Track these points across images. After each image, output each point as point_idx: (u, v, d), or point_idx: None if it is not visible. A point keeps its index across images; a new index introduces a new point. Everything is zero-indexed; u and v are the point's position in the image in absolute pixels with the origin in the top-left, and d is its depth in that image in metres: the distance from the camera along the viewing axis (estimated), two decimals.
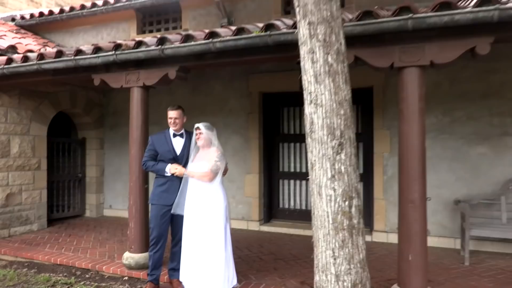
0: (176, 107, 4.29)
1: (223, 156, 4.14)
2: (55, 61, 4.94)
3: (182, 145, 4.30)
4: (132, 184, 4.75)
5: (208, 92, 7.31)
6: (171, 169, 4.12)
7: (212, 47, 4.06)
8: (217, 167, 4.03)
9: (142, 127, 4.79)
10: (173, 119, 4.23)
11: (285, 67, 6.68)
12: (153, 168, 4.19)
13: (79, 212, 8.07)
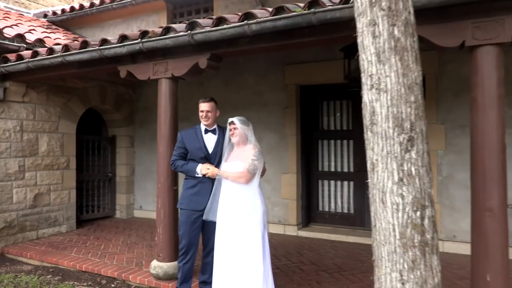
0: (208, 98, 3.83)
1: (261, 155, 3.64)
2: (79, 52, 4.60)
3: (215, 142, 3.83)
4: (160, 185, 4.33)
5: (241, 86, 6.83)
6: (202, 170, 3.66)
7: (248, 30, 3.55)
8: (255, 167, 3.53)
9: (171, 122, 4.36)
10: (204, 112, 3.77)
11: (325, 57, 6.12)
12: (183, 168, 3.75)
13: (109, 213, 7.81)
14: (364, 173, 6.29)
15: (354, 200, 6.48)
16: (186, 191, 3.76)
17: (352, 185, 6.51)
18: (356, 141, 6.44)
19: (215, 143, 3.83)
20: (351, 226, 6.44)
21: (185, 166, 3.73)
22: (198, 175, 3.69)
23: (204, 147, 3.76)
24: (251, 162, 3.55)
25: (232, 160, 3.68)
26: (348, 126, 6.55)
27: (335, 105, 6.65)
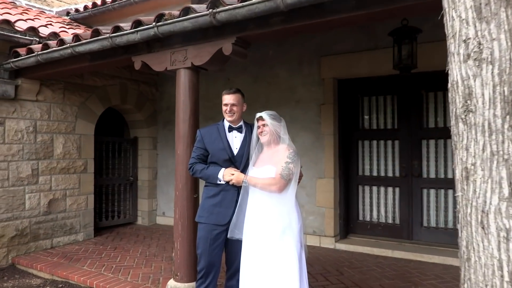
0: (233, 90, 3.20)
1: (297, 156, 2.96)
2: (90, 42, 4.08)
3: (241, 141, 3.19)
4: (177, 193, 3.72)
5: (271, 80, 6.17)
6: (225, 175, 3.02)
7: (281, 4, 2.88)
8: (289, 172, 2.86)
9: (190, 120, 3.75)
10: (229, 106, 3.14)
11: (367, 45, 5.38)
12: (202, 173, 3.12)
13: (131, 220, 7.32)
14: (412, 178, 5.51)
15: (400, 209, 5.68)
16: (206, 201, 3.13)
17: (397, 192, 5.71)
18: (402, 141, 5.65)
19: (241, 143, 3.18)
20: (397, 239, 5.64)
21: (205, 171, 3.11)
22: (221, 182, 3.05)
23: (228, 147, 3.13)
24: (285, 166, 2.88)
25: (262, 164, 3.02)
26: (393, 124, 5.76)
27: (377, 101, 5.87)
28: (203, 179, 3.20)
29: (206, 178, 3.11)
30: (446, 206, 5.39)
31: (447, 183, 5.36)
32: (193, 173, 3.18)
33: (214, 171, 3.07)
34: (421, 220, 5.53)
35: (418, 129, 5.54)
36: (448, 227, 5.36)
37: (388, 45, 5.21)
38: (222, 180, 3.04)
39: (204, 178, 3.14)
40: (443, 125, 5.40)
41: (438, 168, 5.44)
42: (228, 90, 3.20)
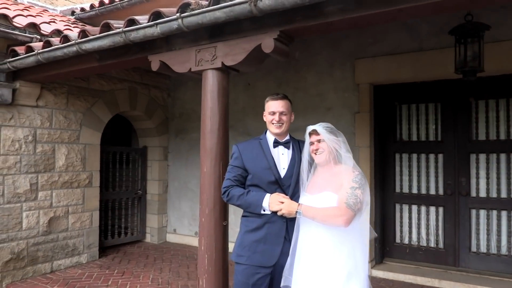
0: (281, 95, 2.59)
1: (365, 180, 2.34)
2: (99, 38, 3.48)
3: (289, 160, 2.56)
4: (204, 219, 3.08)
5: (298, 86, 5.55)
6: (272, 204, 2.39)
7: None
8: (357, 200, 2.24)
9: (220, 131, 3.13)
10: (277, 115, 2.53)
11: (409, 47, 4.78)
12: (241, 200, 2.48)
13: (139, 237, 6.68)
14: (459, 196, 4.87)
15: (445, 232, 5.02)
16: (246, 236, 2.50)
17: (441, 212, 5.05)
18: (447, 155, 5.00)
19: (290, 161, 2.56)
20: (441, 265, 4.98)
21: (245, 198, 2.47)
22: (266, 211, 2.42)
23: (275, 167, 2.50)
24: (350, 192, 2.25)
25: (318, 189, 2.39)
26: (436, 136, 5.12)
27: (418, 109, 5.24)
28: (241, 208, 2.56)
29: (247, 206, 2.48)
30: (499, 229, 4.73)
31: (500, 203, 4.71)
32: (228, 199, 2.55)
33: (256, 198, 2.44)
34: (469, 245, 4.87)
35: (466, 142, 4.90)
36: (502, 254, 4.70)
37: (435, 46, 4.64)
38: (268, 209, 2.40)
39: (244, 206, 2.50)
40: (496, 137, 4.76)
41: (489, 186, 4.79)
42: (274, 95, 2.59)
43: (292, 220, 2.43)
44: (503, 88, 4.67)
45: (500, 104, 4.76)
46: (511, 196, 4.66)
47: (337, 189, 2.31)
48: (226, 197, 2.55)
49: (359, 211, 2.28)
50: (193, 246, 6.41)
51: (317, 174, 2.48)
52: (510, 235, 4.66)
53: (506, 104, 4.73)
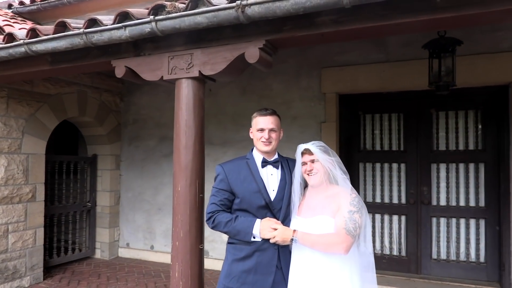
0: (270, 111, 2.39)
1: (362, 203, 2.22)
2: (54, 38, 3.06)
3: (279, 181, 2.38)
4: (178, 243, 2.80)
5: (263, 94, 5.39)
6: (263, 230, 2.20)
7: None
8: (356, 224, 2.12)
9: (196, 147, 2.86)
10: (266, 132, 2.33)
11: (376, 58, 4.81)
12: (229, 227, 2.26)
13: (88, 253, 6.14)
14: (421, 205, 4.97)
15: (407, 240, 5.10)
16: (234, 265, 2.27)
17: (404, 220, 5.14)
18: (410, 164, 5.10)
19: (280, 182, 2.37)
20: (404, 273, 5.05)
21: (233, 225, 2.24)
22: (257, 239, 2.21)
23: (265, 190, 2.29)
24: (348, 217, 2.12)
25: (312, 212, 2.24)
26: (398, 146, 5.20)
27: (382, 119, 5.29)
28: (228, 235, 2.33)
29: (235, 234, 2.25)
30: (458, 236, 4.89)
31: (459, 211, 4.87)
32: (214, 225, 2.30)
33: (246, 224, 2.22)
34: (430, 252, 4.99)
35: (427, 152, 5.02)
36: (461, 260, 4.86)
37: (401, 58, 4.71)
38: (259, 236, 2.19)
39: (232, 234, 2.27)
40: (455, 148, 4.92)
41: (449, 195, 4.94)
42: (263, 110, 2.39)
43: (284, 247, 2.25)
44: (462, 101, 4.84)
45: (459, 116, 4.93)
46: (470, 204, 4.84)
47: (333, 213, 2.17)
48: (211, 224, 2.30)
49: (357, 237, 2.15)
50: (149, 261, 6.01)
51: (310, 196, 2.32)
52: (468, 242, 4.83)
53: (465, 115, 4.90)
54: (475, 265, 4.79)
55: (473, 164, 4.85)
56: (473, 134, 4.88)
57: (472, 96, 4.80)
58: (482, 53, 4.40)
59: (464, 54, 4.22)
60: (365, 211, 2.21)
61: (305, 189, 2.41)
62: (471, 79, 4.36)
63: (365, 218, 2.19)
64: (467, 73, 4.26)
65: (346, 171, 2.29)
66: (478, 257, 4.79)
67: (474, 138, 4.87)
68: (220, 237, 5.37)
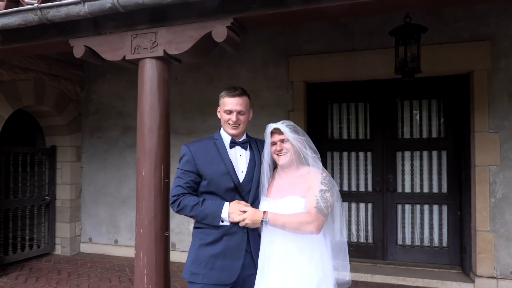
0: (239, 90, 2.29)
1: (333, 182, 2.18)
2: (4, 14, 2.84)
3: (247, 162, 2.30)
4: (142, 230, 2.68)
5: (231, 83, 5.26)
6: (233, 214, 2.12)
7: None
8: (327, 203, 2.09)
9: (161, 130, 2.75)
10: (234, 115, 2.23)
11: (343, 47, 4.85)
12: (196, 211, 2.15)
13: (47, 250, 5.84)
14: (387, 193, 5.06)
15: (374, 227, 5.18)
16: (201, 250, 2.17)
17: (370, 208, 5.21)
18: (376, 153, 5.17)
19: (249, 164, 2.29)
20: (371, 259, 5.13)
21: (200, 208, 2.14)
22: (225, 222, 2.13)
23: (233, 171, 2.21)
24: (320, 196, 2.08)
25: (282, 193, 2.18)
26: (365, 134, 5.26)
27: (348, 108, 5.34)
28: (196, 219, 2.23)
29: (203, 218, 2.15)
30: (422, 222, 5.01)
31: (423, 198, 5.00)
32: (179, 209, 2.19)
33: (214, 208, 2.13)
34: (396, 239, 5.09)
35: (392, 140, 5.11)
36: (425, 245, 4.99)
37: (367, 47, 4.76)
38: (227, 220, 2.12)
39: (199, 218, 2.17)
40: (419, 136, 5.04)
41: (414, 182, 5.06)
42: (231, 90, 2.28)
43: (253, 229, 2.19)
44: (425, 90, 4.95)
45: (423, 104, 5.04)
46: (433, 191, 4.97)
47: (304, 193, 2.12)
48: (176, 207, 2.19)
49: (327, 217, 2.12)
50: (113, 256, 5.80)
51: (279, 177, 2.26)
52: (432, 228, 4.96)
53: (428, 104, 5.02)
54: (438, 249, 4.92)
55: (436, 151, 4.98)
56: (436, 122, 5.01)
57: (435, 85, 4.91)
58: (445, 42, 4.51)
59: (428, 43, 4.31)
60: (336, 190, 2.19)
61: (274, 171, 2.35)
62: (434, 68, 4.46)
63: (336, 197, 2.17)
64: (430, 62, 4.35)
65: (316, 150, 2.25)
66: (441, 242, 4.92)
67: (437, 127, 5.00)
68: (188, 229, 5.25)
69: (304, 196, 2.11)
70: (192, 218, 2.23)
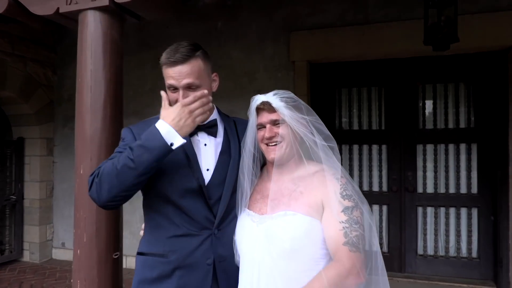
0: (183, 54, 1.41)
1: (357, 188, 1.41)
2: None
3: (216, 155, 1.51)
4: (80, 251, 1.93)
5: (221, 64, 4.50)
6: (176, 117, 1.36)
7: None
8: (359, 231, 1.32)
9: (107, 110, 1.99)
10: (181, 92, 1.43)
11: (353, 19, 4.06)
12: (118, 159, 1.33)
13: (13, 256, 5.11)
14: (405, 193, 4.28)
15: (390, 234, 4.40)
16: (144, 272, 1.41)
17: (385, 210, 4.43)
18: (392, 146, 4.38)
19: (218, 157, 1.50)
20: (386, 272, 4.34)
21: (124, 154, 1.33)
22: (177, 143, 1.32)
23: (197, 165, 1.43)
24: (346, 220, 1.33)
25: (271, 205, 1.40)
26: (379, 124, 4.47)
27: (360, 94, 4.54)
28: (123, 180, 1.30)
29: (136, 157, 1.28)
30: (448, 228, 4.22)
31: (449, 199, 4.21)
32: (100, 180, 1.34)
33: (145, 137, 1.33)
34: (416, 247, 4.31)
35: (412, 131, 4.31)
36: (450, 256, 4.21)
37: (381, 19, 3.97)
38: (180, 136, 1.33)
39: (127, 166, 1.29)
40: (444, 126, 4.24)
41: (437, 181, 4.26)
42: (171, 53, 1.42)
43: (223, 259, 1.41)
44: (451, 71, 4.16)
45: (448, 89, 4.25)
46: (460, 191, 4.18)
47: (309, 208, 1.35)
48: (96, 188, 1.35)
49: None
50: None
51: (269, 179, 1.48)
52: (459, 235, 4.18)
53: (455, 88, 4.22)
54: (466, 261, 4.14)
55: (464, 144, 4.19)
56: (464, 110, 4.21)
57: (464, 66, 4.12)
58: (477, 12, 3.71)
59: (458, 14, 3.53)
60: (365, 200, 1.41)
61: (262, 169, 1.58)
62: (463, 43, 3.62)
63: (366, 212, 1.40)
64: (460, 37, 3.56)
65: (331, 136, 1.47)
66: (470, 252, 4.14)
67: (466, 115, 4.20)
68: None
69: (307, 213, 1.34)
70: (119, 187, 1.30)
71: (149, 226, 1.45)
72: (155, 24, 4.55)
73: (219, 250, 1.40)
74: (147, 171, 1.27)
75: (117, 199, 1.31)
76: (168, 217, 1.39)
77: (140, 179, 1.28)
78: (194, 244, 1.36)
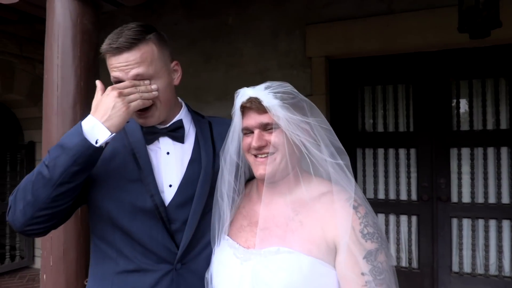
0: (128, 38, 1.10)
1: (377, 220, 1.04)
2: None
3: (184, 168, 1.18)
4: (46, 276, 1.67)
5: (231, 61, 4.23)
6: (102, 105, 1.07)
7: None
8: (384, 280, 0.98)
9: (76, 111, 1.70)
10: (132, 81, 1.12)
11: (375, 9, 3.67)
12: (38, 169, 1.05)
13: (24, 263, 5.02)
14: (437, 202, 3.82)
15: (419, 248, 3.95)
16: None
17: (415, 222, 3.98)
18: (422, 150, 3.94)
19: (186, 170, 1.18)
20: None
21: (43, 162, 1.03)
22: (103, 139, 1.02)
23: (151, 177, 1.11)
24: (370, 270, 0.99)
25: (260, 236, 1.05)
26: (407, 126, 4.03)
27: (385, 92, 4.12)
28: (36, 195, 1.00)
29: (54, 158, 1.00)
30: (487, 243, 3.73)
31: (488, 210, 3.72)
32: (15, 197, 1.05)
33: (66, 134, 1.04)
34: (450, 264, 3.84)
35: (444, 133, 3.85)
36: (491, 274, 3.72)
37: (407, 7, 3.56)
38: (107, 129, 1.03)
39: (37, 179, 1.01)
40: (482, 127, 3.76)
41: (475, 189, 3.78)
42: (114, 38, 1.12)
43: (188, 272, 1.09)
44: (490, 65, 3.69)
45: (487, 85, 3.77)
46: (502, 201, 3.69)
47: (311, 244, 1.00)
48: (12, 210, 1.04)
49: None
50: None
51: (259, 198, 1.14)
52: (500, 251, 3.68)
53: (494, 85, 3.74)
54: (510, 281, 3.64)
55: (505, 148, 3.70)
56: (505, 108, 3.72)
57: (504, 58, 3.63)
58: None
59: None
60: (382, 235, 1.06)
61: (247, 184, 1.24)
62: (504, 31, 3.17)
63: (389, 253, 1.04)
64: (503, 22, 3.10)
65: (341, 148, 1.11)
66: None
67: (507, 114, 3.71)
68: None
69: (309, 252, 0.98)
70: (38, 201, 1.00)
71: (95, 257, 1.15)
72: (163, 21, 4.32)
73: None
74: (65, 179, 0.96)
75: (36, 221, 1.01)
76: (115, 247, 1.08)
77: (59, 190, 0.97)
78: (148, 283, 1.05)
